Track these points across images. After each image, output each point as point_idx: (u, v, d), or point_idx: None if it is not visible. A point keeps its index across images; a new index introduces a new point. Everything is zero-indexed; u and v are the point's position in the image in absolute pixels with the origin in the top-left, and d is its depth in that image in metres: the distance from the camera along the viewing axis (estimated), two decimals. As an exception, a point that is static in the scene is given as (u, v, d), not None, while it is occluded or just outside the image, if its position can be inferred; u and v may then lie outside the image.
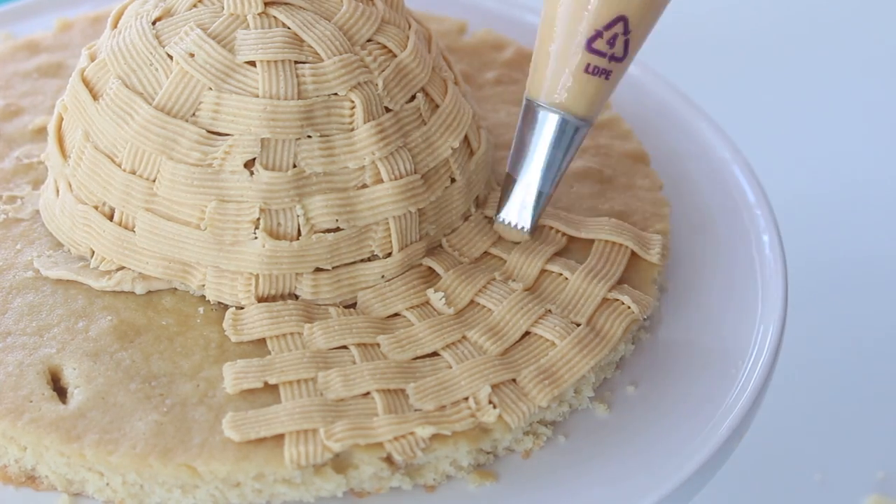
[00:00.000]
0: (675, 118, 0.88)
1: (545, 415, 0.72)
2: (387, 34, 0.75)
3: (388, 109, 0.74)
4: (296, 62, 0.73)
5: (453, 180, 0.76)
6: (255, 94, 0.72)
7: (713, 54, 1.23)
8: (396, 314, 0.74)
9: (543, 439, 0.72)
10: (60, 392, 0.71)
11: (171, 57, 0.73)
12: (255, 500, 0.69)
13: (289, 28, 0.73)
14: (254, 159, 0.72)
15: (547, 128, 0.75)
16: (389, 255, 0.74)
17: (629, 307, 0.74)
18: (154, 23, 0.74)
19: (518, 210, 0.76)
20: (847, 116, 1.21)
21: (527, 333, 0.73)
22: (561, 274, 0.76)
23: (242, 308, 0.73)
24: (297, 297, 0.74)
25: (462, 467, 0.70)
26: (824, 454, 0.98)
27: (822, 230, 1.11)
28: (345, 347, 0.72)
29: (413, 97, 0.75)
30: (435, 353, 0.72)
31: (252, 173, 0.72)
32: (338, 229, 0.73)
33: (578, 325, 0.74)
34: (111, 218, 0.74)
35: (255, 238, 0.72)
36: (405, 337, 0.73)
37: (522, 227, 0.76)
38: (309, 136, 0.72)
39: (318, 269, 0.73)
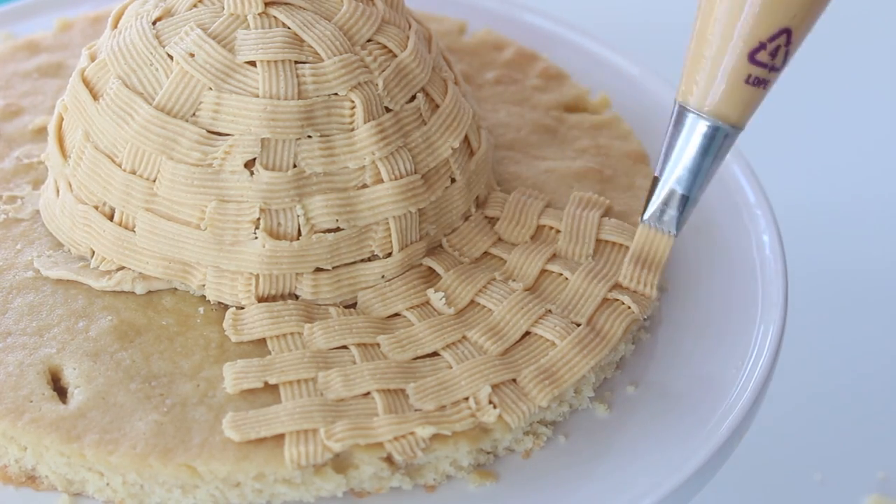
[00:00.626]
0: (676, 118, 0.88)
1: (545, 415, 0.72)
2: (387, 34, 0.75)
3: (388, 109, 0.74)
4: (296, 62, 0.73)
5: (453, 180, 0.76)
6: (256, 94, 0.72)
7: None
8: (396, 314, 0.74)
9: (543, 439, 0.72)
10: (60, 392, 0.71)
11: (171, 57, 0.73)
12: (255, 500, 0.69)
13: (289, 28, 0.73)
14: (254, 159, 0.72)
15: (696, 134, 0.72)
16: (389, 255, 0.74)
17: (629, 307, 0.74)
18: (154, 23, 0.74)
19: (664, 213, 0.74)
20: (847, 117, 1.21)
21: (527, 333, 0.73)
22: (561, 274, 0.76)
23: (242, 308, 0.73)
24: (297, 297, 0.74)
25: (462, 467, 0.70)
26: (824, 454, 0.98)
27: (822, 230, 1.11)
28: (345, 347, 0.72)
29: (413, 97, 0.75)
30: (435, 353, 0.72)
31: (252, 173, 0.72)
32: (338, 229, 0.73)
33: (578, 325, 0.73)
34: (111, 218, 0.74)
35: (256, 238, 0.72)
36: (405, 337, 0.73)
37: (669, 231, 0.75)
38: (309, 136, 0.72)
39: (318, 269, 0.73)
